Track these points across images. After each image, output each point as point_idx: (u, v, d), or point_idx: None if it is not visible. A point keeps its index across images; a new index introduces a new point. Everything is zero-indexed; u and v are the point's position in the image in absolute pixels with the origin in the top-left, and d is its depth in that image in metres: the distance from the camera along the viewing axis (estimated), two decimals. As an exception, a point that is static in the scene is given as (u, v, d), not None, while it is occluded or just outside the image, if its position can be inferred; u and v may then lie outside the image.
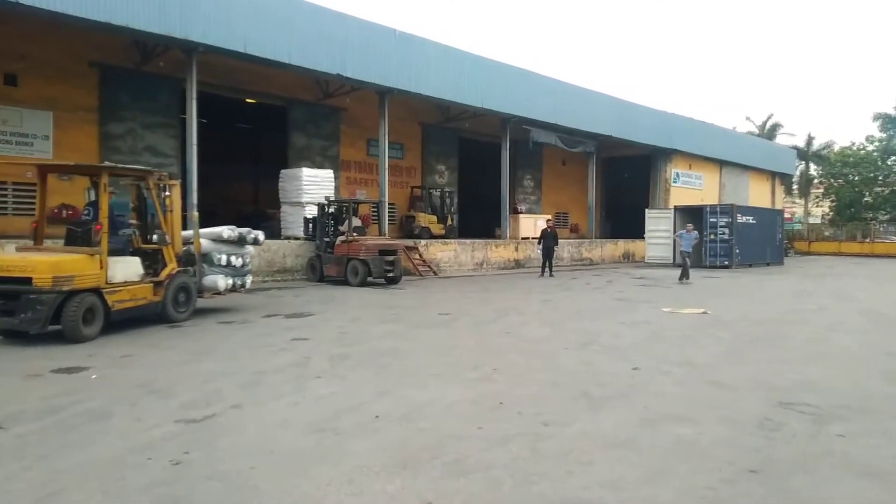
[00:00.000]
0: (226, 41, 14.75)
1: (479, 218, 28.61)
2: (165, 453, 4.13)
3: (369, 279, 15.27)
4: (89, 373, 6.27)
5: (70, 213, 15.04)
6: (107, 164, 9.04)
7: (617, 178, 35.01)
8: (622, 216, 33.92)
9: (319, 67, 16.83)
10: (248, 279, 11.22)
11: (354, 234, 15.86)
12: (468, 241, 21.96)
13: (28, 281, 7.50)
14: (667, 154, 31.35)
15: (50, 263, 7.62)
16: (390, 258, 15.68)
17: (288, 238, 17.59)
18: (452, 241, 21.76)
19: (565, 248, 25.58)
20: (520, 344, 8.17)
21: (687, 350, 7.97)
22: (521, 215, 25.41)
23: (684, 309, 11.83)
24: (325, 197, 16.94)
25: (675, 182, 32.15)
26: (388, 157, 19.76)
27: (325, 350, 7.51)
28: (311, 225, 17.00)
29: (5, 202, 15.14)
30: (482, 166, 27.47)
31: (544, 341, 8.42)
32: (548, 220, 20.73)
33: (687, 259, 18.65)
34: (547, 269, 19.48)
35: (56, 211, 15.35)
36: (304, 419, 4.91)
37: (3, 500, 3.48)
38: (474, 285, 16.47)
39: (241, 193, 26.66)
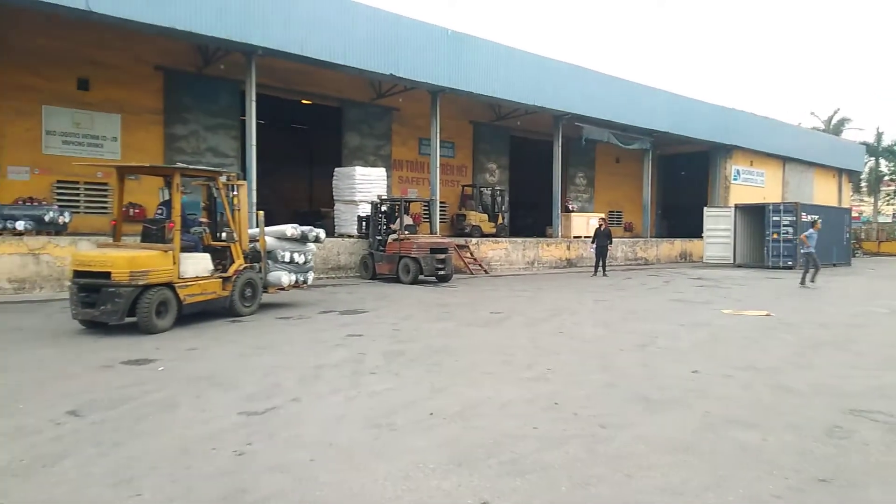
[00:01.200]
0: (284, 44, 15.12)
1: (531, 216, 28.43)
2: (229, 444, 4.28)
3: (421, 277, 15.38)
4: (157, 365, 6.55)
5: (137, 211, 15.78)
6: (179, 165, 9.46)
7: (673, 175, 34.10)
8: (679, 214, 33.04)
9: (373, 68, 17.04)
10: (310, 276, 11.52)
11: (406, 232, 16.00)
12: (519, 239, 21.83)
13: (107, 275, 7.95)
14: (726, 150, 30.35)
15: (127, 259, 8.06)
16: (441, 256, 15.76)
17: (341, 236, 17.89)
18: (503, 239, 21.66)
19: (619, 248, 25.10)
20: (574, 344, 8.08)
21: (750, 353, 7.70)
22: (572, 214, 25.09)
23: (746, 311, 11.44)
24: (378, 195, 17.15)
25: (735, 179, 31.08)
26: (440, 155, 19.83)
27: (380, 346, 7.62)
28: (363, 223, 17.24)
29: (78, 201, 15.94)
30: (533, 164, 27.26)
31: (599, 342, 8.29)
32: (601, 219, 20.41)
33: (816, 260, 16.58)
34: (600, 269, 19.22)
35: (124, 209, 16.10)
36: (361, 414, 5.00)
37: (84, 483, 3.67)
38: (526, 284, 16.36)
39: (297, 192, 27.29)
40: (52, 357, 6.88)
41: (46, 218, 12.56)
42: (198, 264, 9.06)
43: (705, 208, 26.61)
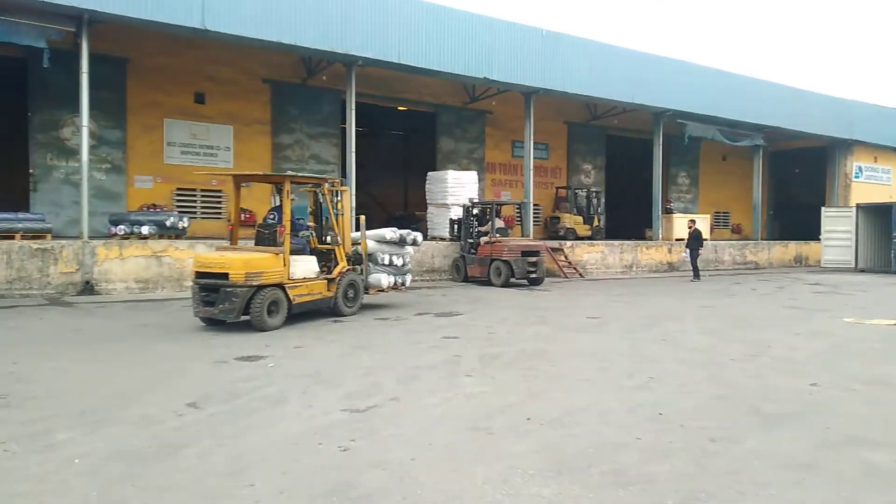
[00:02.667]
0: (382, 53, 15.57)
1: (629, 218, 27.52)
2: (334, 439, 4.44)
3: (512, 280, 15.32)
4: (266, 361, 6.92)
5: (248, 216, 16.86)
6: (289, 173, 10.00)
7: (786, 173, 31.85)
8: (793, 215, 30.81)
9: (467, 72, 17.18)
10: (408, 278, 11.85)
11: (497, 235, 15.96)
12: (616, 242, 21.21)
13: (225, 276, 8.53)
14: (846, 146, 27.99)
15: (243, 261, 8.64)
16: (533, 259, 15.61)
17: (434, 239, 18.14)
18: (599, 242, 21.13)
19: (727, 251, 23.81)
20: (678, 352, 7.73)
21: (877, 366, 7.05)
22: (674, 215, 24.03)
23: (871, 319, 10.49)
24: (469, 199, 17.20)
25: (856, 177, 28.59)
26: (533, 157, 19.65)
27: (475, 349, 7.64)
28: (455, 226, 17.38)
29: (195, 206, 17.17)
30: (631, 164, 26.43)
31: (705, 350, 7.88)
32: (690, 221, 19.55)
33: None
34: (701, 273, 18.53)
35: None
36: (458, 416, 5.03)
37: (203, 472, 3.93)
38: (624, 289, 15.87)
39: (392, 196, 27.94)
40: (174, 352, 7.43)
41: (168, 223, 13.62)
42: (305, 266, 9.56)
43: (823, 209, 24.68)
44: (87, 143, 12.91)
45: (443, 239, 17.83)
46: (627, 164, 26.80)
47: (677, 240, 22.47)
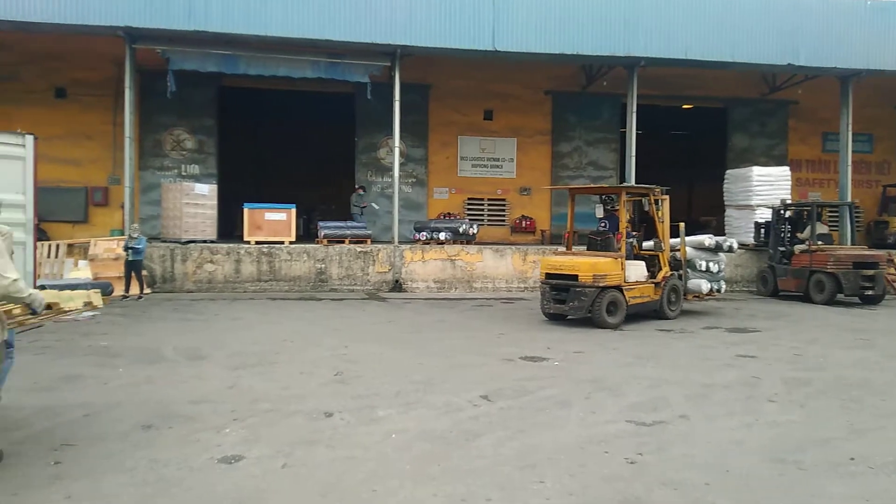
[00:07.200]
0: (666, 51, 14.85)
1: None
2: (620, 450, 4.39)
3: (838, 296, 13.04)
4: (549, 363, 7.15)
5: (528, 222, 17.72)
6: (625, 185, 10.51)
7: None
8: None
9: (767, 60, 15.39)
10: (723, 284, 11.78)
11: (819, 242, 13.74)
12: (976, 252, 16.77)
13: (574, 278, 9.47)
14: None
15: (590, 264, 9.54)
16: (869, 272, 12.89)
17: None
18: (949, 251, 16.95)
19: None
20: None
21: None
22: None
23: None
24: (781, 199, 15.00)
25: None
26: (852, 151, 16.69)
27: (777, 372, 6.81)
28: (762, 231, 15.44)
29: (482, 214, 18.54)
30: None
31: None
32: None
33: None
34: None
35: (517, 221, 18.17)
36: (760, 444, 4.56)
37: (497, 461, 4.23)
38: None
39: (674, 200, 26.36)
40: (467, 347, 8.10)
41: (460, 230, 15.00)
42: (637, 270, 10.15)
43: None
44: (398, 162, 14.94)
45: (744, 245, 15.96)
46: None
47: None
